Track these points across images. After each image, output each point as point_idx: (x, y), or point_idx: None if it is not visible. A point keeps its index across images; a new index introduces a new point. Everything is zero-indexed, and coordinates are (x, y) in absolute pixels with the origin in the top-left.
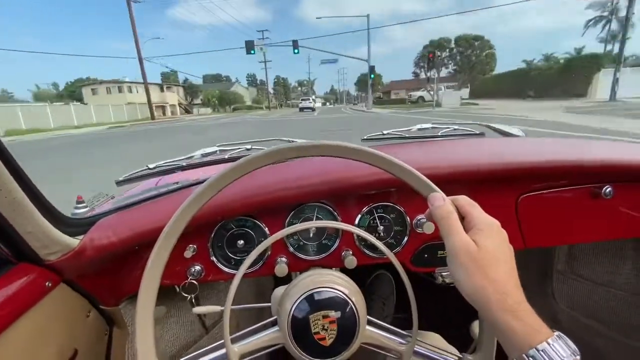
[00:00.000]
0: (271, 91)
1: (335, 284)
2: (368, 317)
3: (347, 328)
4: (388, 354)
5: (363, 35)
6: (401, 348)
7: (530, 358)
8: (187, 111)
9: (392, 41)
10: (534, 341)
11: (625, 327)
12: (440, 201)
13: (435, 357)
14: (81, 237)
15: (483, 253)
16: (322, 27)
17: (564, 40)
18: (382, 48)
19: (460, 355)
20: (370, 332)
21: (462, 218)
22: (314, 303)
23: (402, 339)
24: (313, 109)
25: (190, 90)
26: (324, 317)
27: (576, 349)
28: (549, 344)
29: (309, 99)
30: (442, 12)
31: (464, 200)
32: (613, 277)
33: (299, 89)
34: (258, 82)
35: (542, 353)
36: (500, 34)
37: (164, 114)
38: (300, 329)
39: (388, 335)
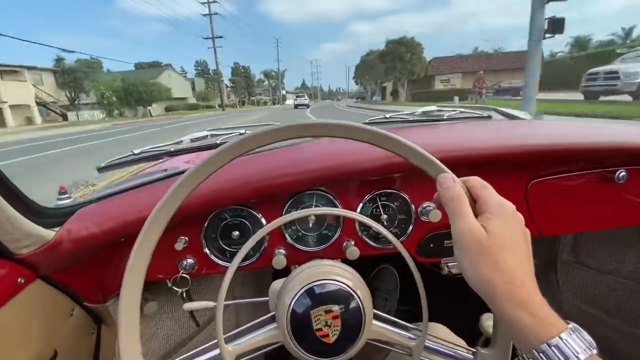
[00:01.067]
0: (228, 83)
1: (338, 275)
2: (374, 310)
3: (352, 323)
4: (396, 349)
5: (333, 32)
6: (411, 343)
7: (541, 354)
8: (64, 116)
9: (356, 37)
10: (545, 336)
11: (631, 316)
12: (450, 182)
13: (447, 351)
14: (58, 228)
15: (492, 240)
16: (288, 21)
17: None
18: (346, 46)
19: (474, 350)
20: (377, 327)
21: (474, 202)
22: (315, 297)
23: (410, 333)
24: (308, 106)
25: (72, 78)
26: (327, 312)
27: (592, 341)
28: (561, 338)
29: (303, 95)
30: (405, 9)
31: (476, 181)
32: (619, 266)
33: (265, 82)
34: (211, 72)
35: (553, 348)
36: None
37: None
38: (300, 325)
39: (396, 329)
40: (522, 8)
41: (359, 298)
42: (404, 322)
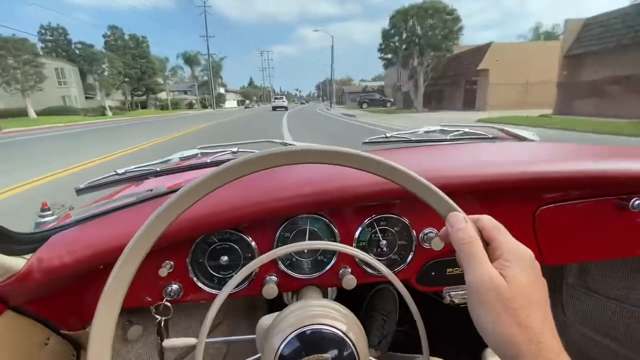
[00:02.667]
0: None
1: (330, 318)
2: (371, 348)
3: None
4: None
5: (287, 32)
6: None
7: None
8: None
9: (303, 42)
10: None
11: None
12: (462, 223)
13: None
14: (28, 256)
15: (514, 292)
16: (235, 19)
17: None
18: (291, 48)
19: None
20: None
21: (486, 244)
22: (305, 343)
23: None
24: (286, 108)
25: None
26: None
27: None
28: None
29: (282, 98)
30: (353, 17)
31: (488, 222)
32: (628, 293)
33: (186, 72)
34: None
35: None
36: None
37: None
38: None
39: None
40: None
41: (352, 343)
42: (402, 355)
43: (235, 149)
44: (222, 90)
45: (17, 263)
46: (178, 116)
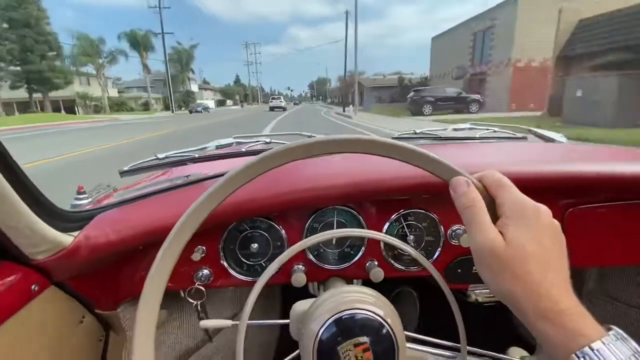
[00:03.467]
0: None
1: (367, 304)
2: (406, 333)
3: (385, 354)
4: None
5: (278, 32)
6: None
7: None
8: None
9: (295, 41)
10: (572, 347)
11: None
12: (464, 187)
13: None
14: (75, 233)
15: (511, 249)
16: (222, 18)
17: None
18: (286, 49)
19: (519, 358)
20: (413, 352)
21: (493, 201)
22: (343, 328)
23: (449, 352)
24: (284, 109)
25: None
26: (356, 345)
27: (638, 348)
28: (592, 348)
29: (279, 97)
30: (343, 17)
31: (492, 178)
32: None
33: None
34: None
35: (583, 359)
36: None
37: None
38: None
39: (434, 350)
40: (447, 25)
41: (390, 326)
42: (438, 340)
43: (268, 140)
44: (194, 87)
45: (66, 239)
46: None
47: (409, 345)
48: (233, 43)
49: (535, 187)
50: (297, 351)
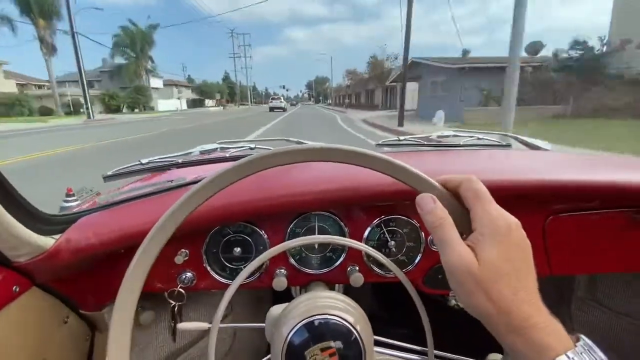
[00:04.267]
0: None
1: (338, 310)
2: (375, 337)
3: (352, 358)
4: None
5: (269, 35)
6: None
7: None
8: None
9: (293, 42)
10: None
11: None
12: (430, 204)
13: None
14: (57, 236)
15: (484, 269)
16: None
17: None
18: (283, 50)
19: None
20: (380, 357)
21: (467, 212)
22: (313, 332)
23: (418, 356)
24: (284, 109)
25: None
26: (323, 350)
27: (603, 358)
28: None
29: (279, 98)
30: (341, 18)
31: (467, 188)
32: (639, 309)
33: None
34: None
35: None
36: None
37: None
38: None
39: (401, 354)
40: (447, 28)
41: (359, 334)
42: (407, 345)
43: (253, 145)
44: (155, 82)
45: (46, 242)
46: None
47: (378, 349)
48: (228, 42)
49: (517, 195)
50: (268, 356)
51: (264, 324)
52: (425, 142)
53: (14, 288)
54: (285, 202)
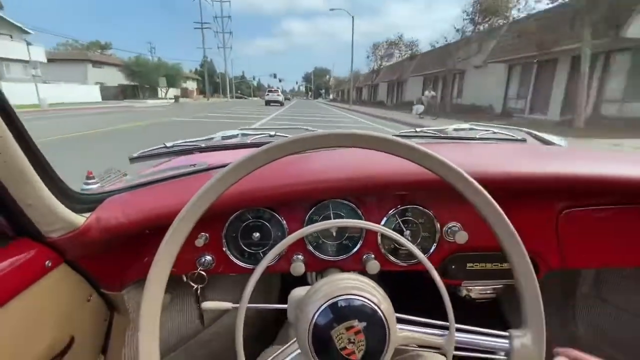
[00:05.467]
0: None
1: (362, 290)
2: (397, 315)
3: (376, 335)
4: (428, 350)
5: (266, 27)
6: (440, 340)
7: None
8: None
9: (289, 35)
10: None
11: None
12: None
13: (479, 341)
14: (87, 214)
15: None
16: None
17: None
18: (279, 43)
19: (507, 333)
20: (404, 333)
21: None
22: (338, 312)
23: (438, 330)
24: (281, 103)
25: None
26: (348, 329)
27: None
28: None
29: (277, 91)
30: (340, 11)
31: None
32: None
33: None
34: None
35: None
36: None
37: None
38: (323, 343)
39: (423, 329)
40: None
41: (383, 314)
42: (428, 320)
43: (272, 133)
44: (17, 49)
45: (78, 219)
46: None
47: (399, 326)
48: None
49: (532, 188)
50: (294, 339)
51: (285, 305)
52: (442, 135)
53: (47, 262)
54: (305, 190)
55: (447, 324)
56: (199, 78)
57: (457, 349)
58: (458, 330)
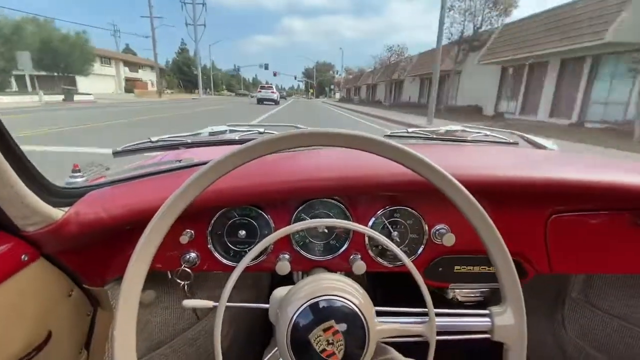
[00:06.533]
0: None
1: (343, 291)
2: (376, 308)
3: (355, 334)
4: (410, 338)
5: (267, 24)
6: (420, 328)
7: None
8: None
9: (290, 32)
10: None
11: None
12: None
13: (461, 323)
14: (66, 209)
15: None
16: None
17: None
18: (280, 40)
19: (487, 311)
20: (382, 326)
21: None
22: (318, 313)
23: (417, 318)
24: (276, 102)
25: None
26: (325, 330)
27: None
28: None
29: (271, 87)
30: (341, 11)
31: None
32: (632, 311)
33: None
34: None
35: None
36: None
37: None
38: (302, 346)
39: (402, 319)
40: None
41: (363, 315)
42: (407, 309)
43: (262, 129)
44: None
45: (56, 213)
46: None
47: (379, 319)
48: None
49: (521, 192)
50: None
51: (267, 305)
52: (434, 136)
53: (22, 256)
54: (292, 188)
55: (427, 310)
56: (164, 68)
57: (439, 334)
58: (438, 315)
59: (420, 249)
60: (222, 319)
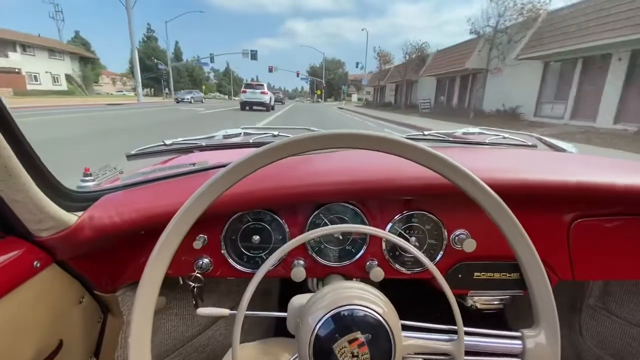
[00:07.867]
0: None
1: (367, 301)
2: (402, 322)
3: (382, 347)
4: (436, 357)
5: (270, 26)
6: (449, 346)
7: None
8: None
9: (292, 35)
10: None
11: None
12: None
13: (490, 344)
14: (80, 213)
15: None
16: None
17: None
18: (282, 43)
19: (519, 333)
20: (409, 341)
21: None
22: (341, 324)
23: (445, 335)
24: (268, 108)
25: None
26: (350, 342)
27: None
28: None
29: (262, 86)
30: (344, 13)
31: None
32: None
33: None
34: None
35: None
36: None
37: None
38: (325, 358)
39: (430, 336)
40: (455, 28)
41: (389, 325)
42: (434, 325)
43: (276, 132)
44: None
45: (70, 218)
46: None
47: (405, 334)
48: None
49: (543, 195)
50: (296, 355)
51: (285, 314)
52: (451, 138)
53: (35, 263)
54: (308, 192)
55: (455, 327)
56: (93, 56)
57: (467, 353)
58: (467, 334)
59: (440, 255)
60: (240, 327)
